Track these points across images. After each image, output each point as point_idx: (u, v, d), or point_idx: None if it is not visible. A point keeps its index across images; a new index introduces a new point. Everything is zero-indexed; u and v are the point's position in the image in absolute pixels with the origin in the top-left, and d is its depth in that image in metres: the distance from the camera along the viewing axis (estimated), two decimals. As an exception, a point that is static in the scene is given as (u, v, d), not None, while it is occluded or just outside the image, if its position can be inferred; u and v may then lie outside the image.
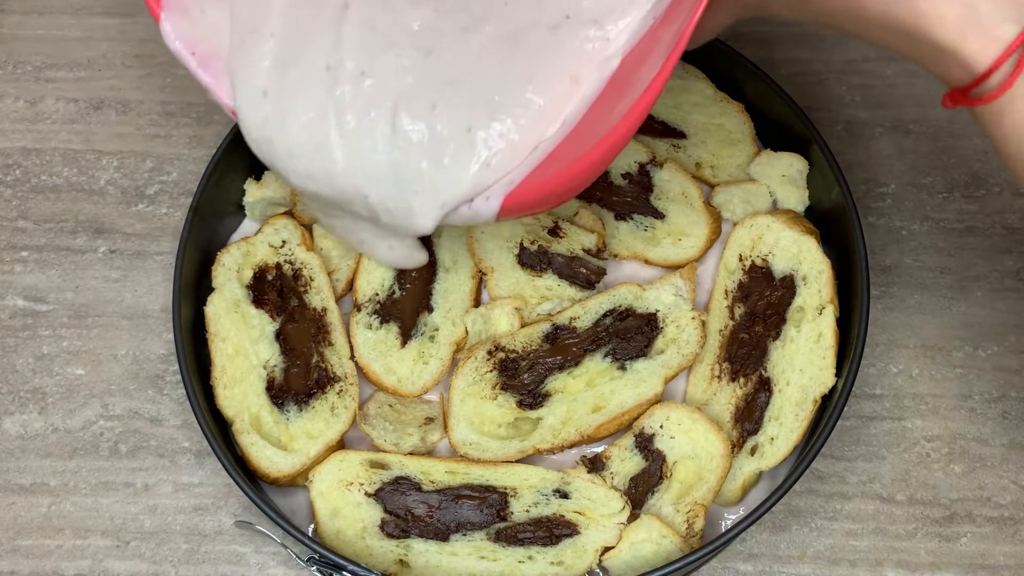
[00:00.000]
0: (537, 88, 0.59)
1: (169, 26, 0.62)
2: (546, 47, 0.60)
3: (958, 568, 0.73)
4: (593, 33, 0.60)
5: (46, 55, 0.98)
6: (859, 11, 0.50)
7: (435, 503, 0.70)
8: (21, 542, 0.76)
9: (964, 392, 0.79)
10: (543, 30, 0.60)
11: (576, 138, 0.59)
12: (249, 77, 0.62)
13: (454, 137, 0.59)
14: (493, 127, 0.59)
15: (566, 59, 0.60)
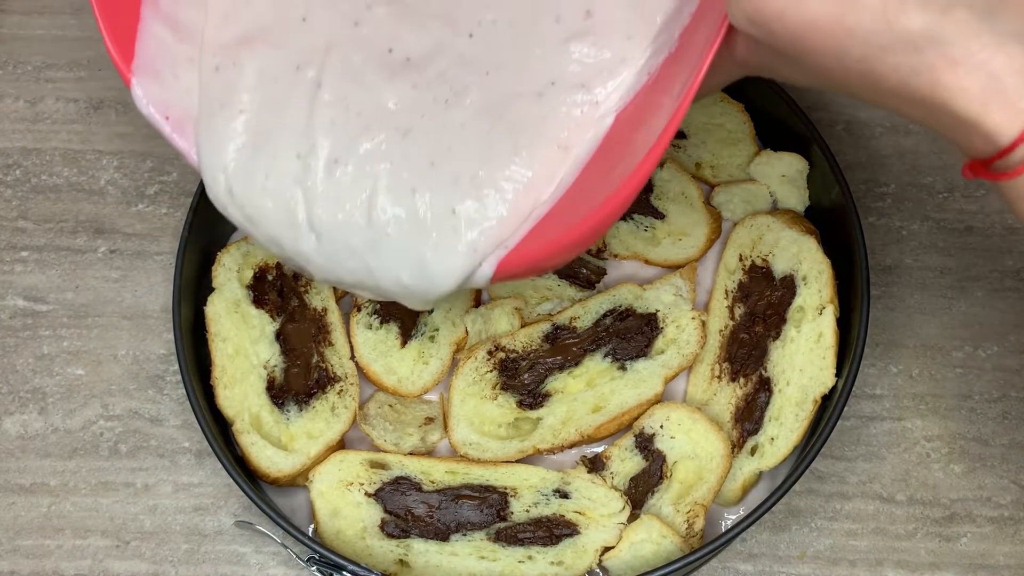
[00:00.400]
0: (524, 160, 0.57)
1: (141, 90, 0.60)
2: (531, 116, 0.57)
3: (958, 568, 0.73)
4: (581, 98, 0.57)
5: (46, 55, 0.98)
6: (875, 81, 0.47)
7: (435, 503, 0.70)
8: (21, 542, 0.76)
9: (964, 392, 0.79)
10: (527, 98, 0.58)
11: (571, 200, 0.56)
12: (215, 158, 0.59)
13: (437, 222, 0.56)
14: (479, 205, 0.56)
15: (553, 127, 0.57)
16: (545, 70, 0.58)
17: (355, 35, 0.59)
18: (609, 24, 0.57)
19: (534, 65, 0.58)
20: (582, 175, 0.57)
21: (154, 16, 0.61)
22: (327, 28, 0.60)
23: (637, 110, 0.56)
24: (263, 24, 0.60)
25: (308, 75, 0.59)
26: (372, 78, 0.59)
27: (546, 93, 0.58)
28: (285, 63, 0.59)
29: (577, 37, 0.57)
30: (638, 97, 0.56)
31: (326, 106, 0.58)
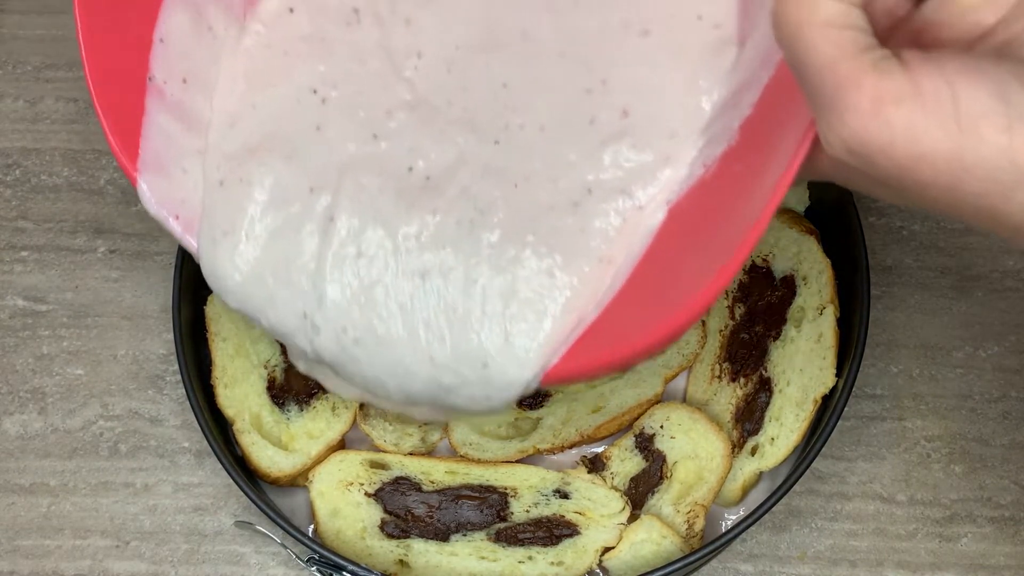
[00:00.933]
0: (563, 280, 0.51)
1: (147, 189, 0.55)
2: (567, 229, 0.52)
3: (958, 568, 0.73)
4: (622, 204, 0.51)
5: (46, 55, 0.98)
6: (995, 216, 0.41)
7: (435, 503, 0.70)
8: (21, 542, 0.76)
9: (964, 392, 0.79)
10: (562, 210, 0.52)
11: (624, 305, 0.50)
12: (220, 281, 0.55)
13: (468, 361, 0.51)
14: (511, 345, 0.50)
15: (593, 238, 0.52)
16: (580, 177, 0.53)
17: (373, 152, 0.55)
18: (649, 122, 0.52)
19: (568, 173, 0.53)
20: (634, 277, 0.51)
21: (160, 106, 0.56)
22: (343, 140, 0.55)
23: (695, 205, 0.50)
24: (273, 131, 0.56)
25: (321, 203, 0.54)
26: (390, 209, 0.54)
27: (582, 202, 0.52)
28: (297, 185, 0.55)
29: (614, 139, 0.53)
30: (694, 191, 0.51)
31: (340, 244, 0.53)
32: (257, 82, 0.58)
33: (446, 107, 0.55)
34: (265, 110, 0.57)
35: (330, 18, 0.59)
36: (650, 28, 0.54)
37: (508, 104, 0.54)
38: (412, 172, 0.54)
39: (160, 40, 0.57)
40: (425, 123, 0.55)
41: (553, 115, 0.54)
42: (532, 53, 0.55)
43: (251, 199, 0.55)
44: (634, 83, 0.53)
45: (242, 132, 0.56)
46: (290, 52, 0.58)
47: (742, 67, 0.51)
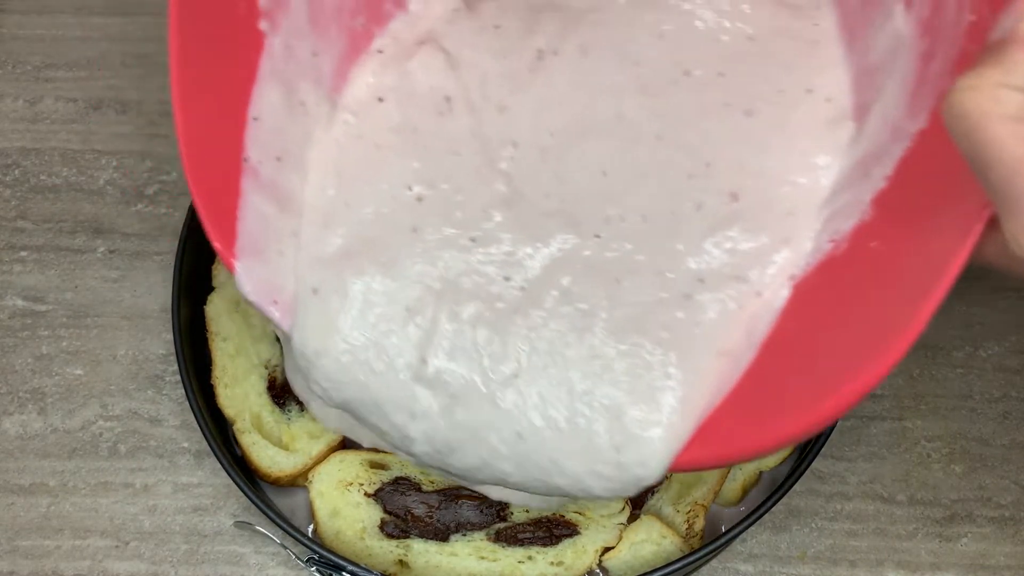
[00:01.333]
0: (677, 381, 0.48)
1: (244, 274, 0.53)
2: (679, 324, 0.48)
3: (959, 568, 0.73)
4: (738, 291, 0.48)
5: (46, 55, 0.98)
6: None
7: (435, 503, 0.70)
8: (20, 542, 0.76)
9: (964, 392, 0.79)
10: (672, 306, 0.49)
11: (749, 393, 0.47)
12: (317, 376, 0.53)
13: (590, 486, 0.49)
14: (631, 451, 0.47)
15: (709, 331, 0.48)
16: (689, 267, 0.50)
17: (469, 262, 0.52)
18: (761, 204, 0.50)
19: (675, 263, 0.50)
20: (760, 361, 0.48)
21: (255, 187, 0.54)
22: (440, 247, 0.53)
23: (825, 282, 0.47)
24: (369, 237, 0.54)
25: (415, 330, 0.52)
26: (483, 344, 0.51)
27: (694, 294, 0.49)
28: (393, 306, 0.52)
29: (724, 224, 0.50)
30: (823, 267, 0.48)
31: (431, 378, 0.51)
32: (349, 177, 0.56)
33: (543, 200, 0.53)
34: (359, 210, 0.55)
35: (421, 107, 0.57)
36: (754, 107, 0.51)
37: (607, 194, 0.52)
38: (510, 282, 0.52)
39: (254, 118, 0.55)
40: (522, 221, 0.53)
41: (655, 204, 0.51)
42: (629, 137, 0.53)
43: (347, 311, 0.52)
44: (741, 165, 0.51)
45: (336, 235, 0.54)
46: (382, 145, 0.56)
47: (866, 140, 0.48)
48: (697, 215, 0.50)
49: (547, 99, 0.56)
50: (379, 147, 0.56)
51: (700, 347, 0.48)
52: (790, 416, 0.43)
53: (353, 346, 0.52)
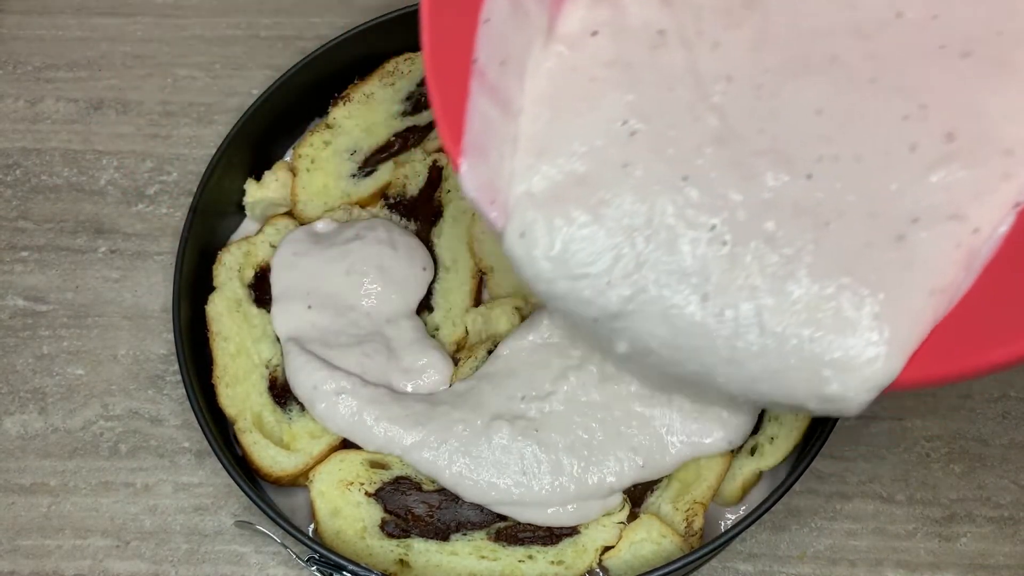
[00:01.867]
0: (885, 319, 0.49)
1: (468, 171, 0.55)
2: (890, 266, 0.49)
3: (958, 568, 0.73)
4: (955, 229, 0.49)
5: (46, 55, 0.98)
6: None
7: (435, 503, 0.70)
8: (21, 542, 0.76)
9: (964, 392, 0.79)
10: (882, 246, 0.50)
11: (965, 315, 0.48)
12: (530, 274, 0.56)
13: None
14: (827, 393, 0.50)
15: (922, 273, 0.49)
16: (904, 208, 0.50)
17: (677, 203, 0.53)
18: (979, 144, 0.50)
19: (889, 204, 0.50)
20: (977, 287, 0.49)
21: (481, 90, 0.56)
22: (649, 184, 0.54)
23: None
24: (580, 172, 0.55)
25: (619, 277, 0.54)
26: (686, 288, 0.53)
27: (908, 235, 0.49)
28: (597, 254, 0.54)
29: (940, 164, 0.50)
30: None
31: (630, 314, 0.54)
32: (563, 109, 0.57)
33: (756, 137, 0.53)
34: (572, 143, 0.56)
35: (635, 41, 0.57)
36: (972, 48, 0.51)
37: (821, 133, 0.52)
38: (713, 231, 0.53)
39: (485, 20, 0.57)
40: (734, 160, 0.53)
41: (869, 144, 0.51)
42: (843, 78, 0.53)
43: (549, 260, 0.55)
44: (957, 106, 0.51)
45: (550, 167, 0.56)
46: (596, 78, 0.57)
47: None
48: (911, 156, 0.50)
49: (762, 36, 0.56)
50: (593, 80, 0.58)
51: (911, 287, 0.49)
52: (1011, 339, 0.45)
53: (553, 281, 0.55)
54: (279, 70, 0.90)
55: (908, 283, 0.49)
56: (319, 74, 0.86)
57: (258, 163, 0.85)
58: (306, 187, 0.83)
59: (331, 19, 0.99)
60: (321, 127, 0.85)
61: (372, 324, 0.75)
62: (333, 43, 0.85)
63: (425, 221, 0.81)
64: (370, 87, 0.86)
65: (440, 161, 0.82)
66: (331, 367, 0.72)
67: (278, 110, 0.85)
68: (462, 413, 0.70)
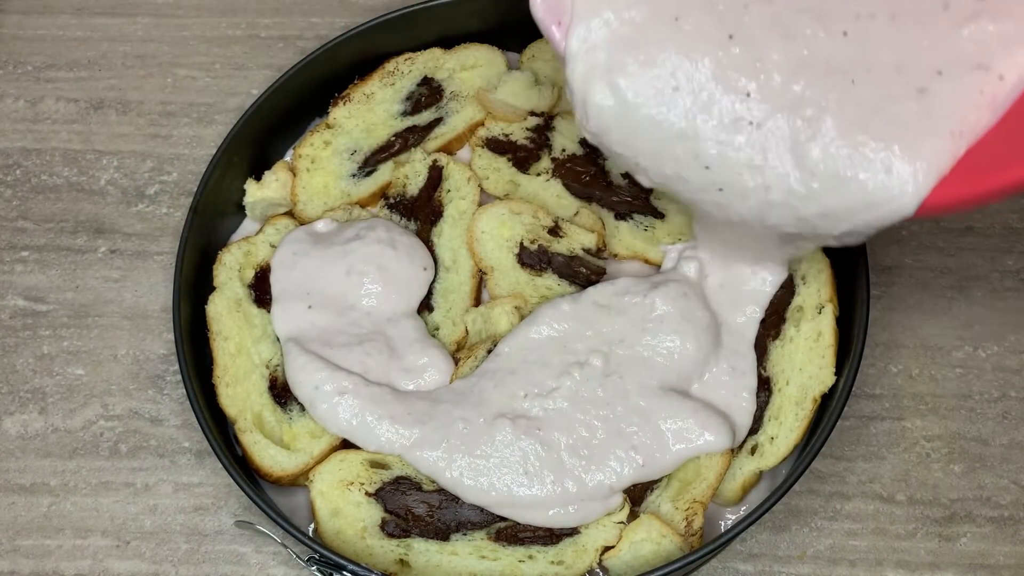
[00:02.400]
0: (901, 155, 0.54)
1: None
2: (908, 117, 0.55)
3: (958, 568, 0.73)
4: (980, 79, 0.54)
5: (46, 55, 0.98)
6: None
7: (435, 503, 0.70)
8: (21, 542, 0.76)
9: (964, 392, 0.79)
10: (903, 101, 0.55)
11: (994, 145, 0.53)
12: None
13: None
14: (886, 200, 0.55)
15: (941, 119, 0.54)
16: (931, 61, 0.54)
17: (718, 64, 0.58)
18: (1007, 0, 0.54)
19: (918, 59, 0.55)
20: (1004, 122, 0.54)
21: None
22: (698, 36, 0.58)
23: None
24: (635, 21, 0.59)
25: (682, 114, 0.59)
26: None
27: (930, 87, 0.55)
28: (658, 86, 0.59)
29: (971, 19, 0.54)
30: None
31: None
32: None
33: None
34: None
35: None
36: None
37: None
38: (750, 96, 0.57)
39: None
40: (776, 17, 0.57)
41: (905, 3, 0.55)
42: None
43: (610, 115, 0.60)
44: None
45: (607, 13, 0.59)
46: None
47: None
48: (944, 14, 0.55)
49: None
50: None
51: (930, 132, 0.53)
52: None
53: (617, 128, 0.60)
54: (279, 70, 0.90)
55: (927, 128, 0.54)
56: (319, 74, 0.86)
57: (258, 163, 0.85)
58: (306, 187, 0.83)
59: (331, 19, 0.99)
60: (321, 127, 0.85)
61: (373, 324, 0.75)
62: (333, 43, 0.85)
63: (425, 221, 0.81)
64: (370, 87, 0.86)
65: (440, 161, 0.82)
66: (333, 367, 0.72)
67: (278, 110, 0.85)
68: (463, 411, 0.70)
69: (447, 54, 0.88)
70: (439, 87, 0.87)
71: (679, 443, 0.69)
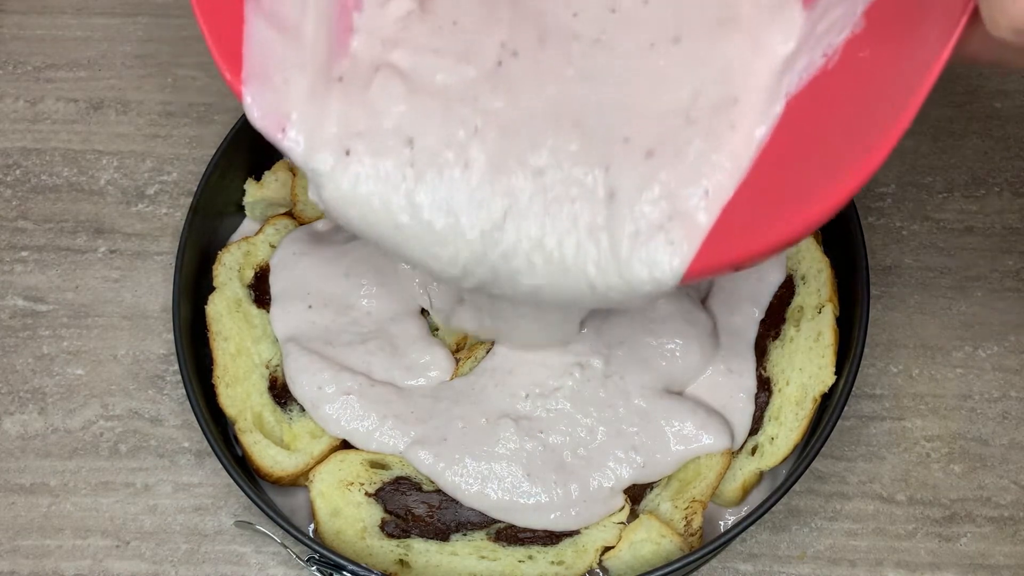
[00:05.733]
0: (678, 202, 0.53)
1: (252, 100, 0.55)
2: (679, 139, 0.54)
3: (958, 568, 0.73)
4: (727, 114, 0.53)
5: (46, 55, 0.98)
6: None
7: (435, 503, 0.70)
8: (21, 542, 0.76)
9: (964, 392, 0.79)
10: (672, 125, 0.54)
11: (747, 203, 0.51)
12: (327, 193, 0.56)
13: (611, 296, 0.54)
14: (636, 268, 0.53)
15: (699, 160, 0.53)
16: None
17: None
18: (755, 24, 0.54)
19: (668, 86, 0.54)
20: (754, 174, 0.52)
21: (257, 14, 0.55)
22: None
23: (816, 97, 0.51)
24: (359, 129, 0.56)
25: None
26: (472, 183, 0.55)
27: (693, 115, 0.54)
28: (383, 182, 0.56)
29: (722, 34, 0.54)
30: (815, 81, 0.51)
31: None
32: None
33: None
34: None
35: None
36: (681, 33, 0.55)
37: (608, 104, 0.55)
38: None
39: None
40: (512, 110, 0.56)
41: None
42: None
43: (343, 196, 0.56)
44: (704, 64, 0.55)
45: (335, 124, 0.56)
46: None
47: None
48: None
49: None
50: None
51: (694, 171, 0.52)
52: (795, 210, 0.47)
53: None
54: (279, 70, 0.90)
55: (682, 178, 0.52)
56: (319, 74, 0.86)
57: (258, 163, 0.85)
58: (306, 187, 0.83)
59: (331, 19, 0.99)
60: (321, 127, 0.85)
61: (374, 322, 0.75)
62: (333, 43, 0.85)
63: (425, 221, 0.81)
64: (370, 87, 0.86)
65: (440, 161, 0.82)
66: (335, 368, 0.72)
67: (278, 110, 0.85)
68: (462, 410, 0.70)
69: (447, 54, 0.88)
70: (439, 87, 0.87)
71: (679, 444, 0.69)
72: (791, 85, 0.51)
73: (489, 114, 0.55)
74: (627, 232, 0.53)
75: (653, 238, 0.52)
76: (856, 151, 0.45)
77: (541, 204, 0.54)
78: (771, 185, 0.51)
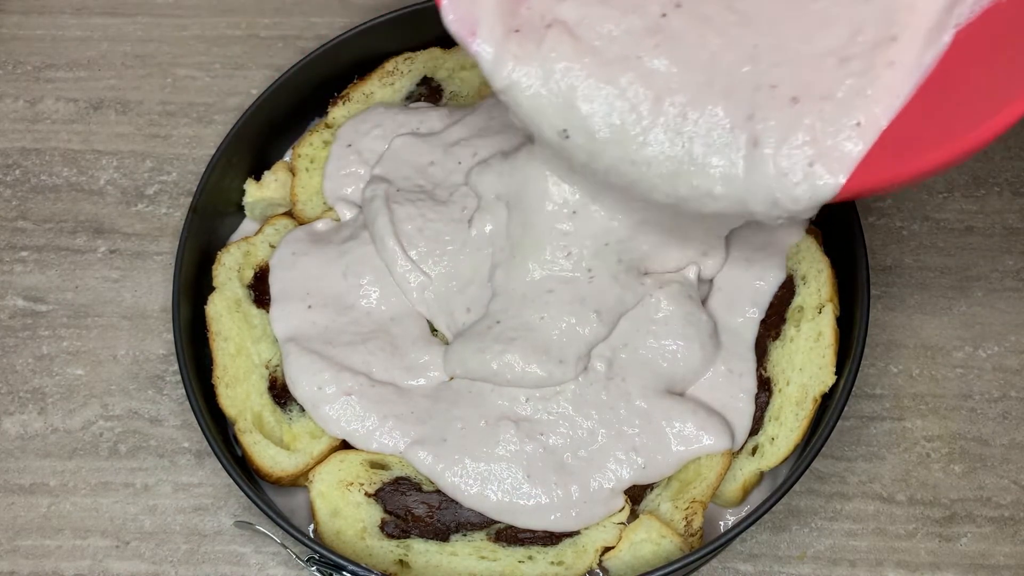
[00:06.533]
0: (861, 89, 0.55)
1: (449, 3, 0.60)
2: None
3: (958, 568, 0.73)
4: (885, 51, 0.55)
5: (46, 55, 0.98)
6: None
7: (435, 503, 0.70)
8: (21, 542, 0.76)
9: (964, 392, 0.79)
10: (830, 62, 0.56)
11: (909, 125, 0.54)
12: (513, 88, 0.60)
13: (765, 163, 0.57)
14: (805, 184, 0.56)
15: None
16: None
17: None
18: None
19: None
20: (919, 97, 0.55)
21: None
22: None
23: (988, 30, 0.53)
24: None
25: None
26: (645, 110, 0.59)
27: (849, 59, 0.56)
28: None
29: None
30: (988, 14, 0.54)
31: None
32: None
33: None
34: None
35: None
36: None
37: None
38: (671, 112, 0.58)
39: None
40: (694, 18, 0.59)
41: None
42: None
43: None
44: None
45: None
46: None
47: None
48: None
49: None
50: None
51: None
52: (967, 127, 0.50)
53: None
54: (279, 70, 0.90)
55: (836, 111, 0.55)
56: (319, 74, 0.86)
57: (258, 163, 0.85)
58: (306, 187, 0.83)
59: (331, 19, 0.99)
60: (321, 127, 0.85)
61: (374, 322, 0.75)
62: (333, 43, 0.85)
63: (425, 221, 0.81)
64: (370, 87, 0.86)
65: (440, 161, 0.82)
66: (336, 368, 0.72)
67: (278, 110, 0.85)
68: (462, 411, 0.70)
69: (447, 53, 0.88)
70: (438, 87, 0.87)
71: (680, 445, 0.69)
72: (961, 16, 0.54)
73: (652, 74, 0.58)
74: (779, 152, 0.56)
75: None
76: (1005, 90, 0.48)
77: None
78: (936, 109, 0.53)
